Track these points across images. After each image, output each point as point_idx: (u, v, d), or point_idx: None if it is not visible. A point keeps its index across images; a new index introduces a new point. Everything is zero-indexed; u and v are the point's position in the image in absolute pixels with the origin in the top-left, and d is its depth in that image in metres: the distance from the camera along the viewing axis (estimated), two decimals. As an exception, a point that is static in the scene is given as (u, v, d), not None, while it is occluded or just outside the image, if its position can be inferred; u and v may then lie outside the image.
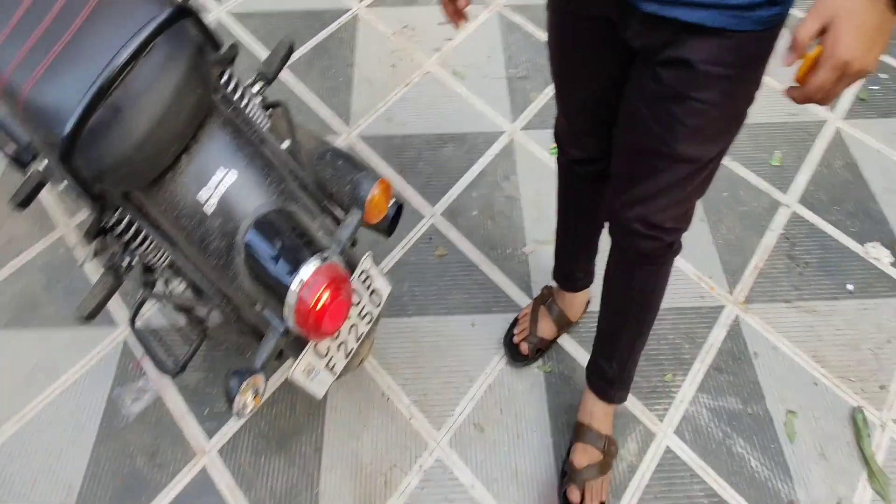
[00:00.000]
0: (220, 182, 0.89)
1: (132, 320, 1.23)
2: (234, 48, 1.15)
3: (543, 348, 1.47)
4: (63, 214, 1.76)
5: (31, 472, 1.37)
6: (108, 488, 1.35)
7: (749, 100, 0.85)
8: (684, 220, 1.02)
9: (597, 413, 1.31)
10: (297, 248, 0.87)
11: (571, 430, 1.36)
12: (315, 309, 0.85)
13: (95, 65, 0.80)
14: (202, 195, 0.88)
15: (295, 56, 2.10)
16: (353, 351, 1.07)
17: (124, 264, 1.19)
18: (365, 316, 1.05)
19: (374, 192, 0.96)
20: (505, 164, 1.84)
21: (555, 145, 1.20)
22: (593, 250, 1.38)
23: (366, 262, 1.01)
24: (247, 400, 0.87)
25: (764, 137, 1.87)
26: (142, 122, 0.79)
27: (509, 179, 1.80)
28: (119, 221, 1.06)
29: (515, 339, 1.47)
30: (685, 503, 1.30)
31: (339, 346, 1.02)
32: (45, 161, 1.02)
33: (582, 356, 1.49)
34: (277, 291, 0.86)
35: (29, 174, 1.06)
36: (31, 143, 0.98)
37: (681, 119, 0.83)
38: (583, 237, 1.34)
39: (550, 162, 1.81)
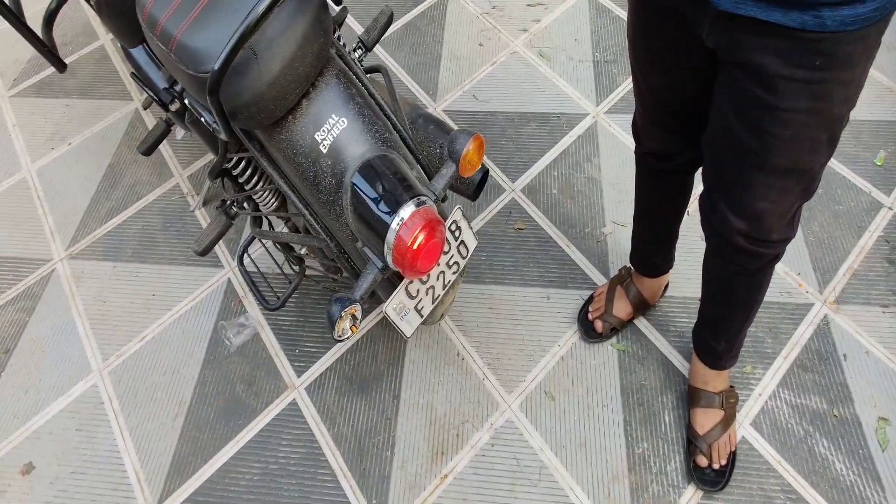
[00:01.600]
0: (334, 126, 0.97)
1: (240, 258, 1.35)
2: (345, 10, 1.24)
3: (618, 328, 1.47)
4: (178, 165, 1.93)
5: (151, 385, 1.54)
6: (213, 407, 1.49)
7: (848, 103, 0.77)
8: (790, 230, 0.95)
9: (709, 376, 1.30)
10: (398, 190, 0.95)
11: (642, 407, 1.36)
12: (412, 247, 0.92)
13: (237, 14, 0.91)
14: (318, 136, 0.97)
15: (387, 32, 2.19)
16: (439, 298, 1.13)
17: (236, 207, 1.32)
18: (452, 265, 1.11)
19: (468, 147, 1.01)
20: (588, 145, 1.85)
21: None
22: (673, 239, 1.35)
23: (456, 214, 1.08)
24: (346, 326, 0.95)
25: (868, 135, 1.79)
26: (275, 65, 0.89)
27: (591, 161, 1.81)
28: (238, 163, 1.18)
29: (590, 317, 1.48)
30: (758, 496, 1.27)
31: (428, 290, 1.09)
32: (178, 105, 1.15)
33: (657, 339, 1.49)
34: (378, 229, 0.94)
35: (155, 125, 1.21)
36: (172, 87, 1.11)
37: (770, 130, 0.77)
38: (661, 227, 1.31)
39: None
